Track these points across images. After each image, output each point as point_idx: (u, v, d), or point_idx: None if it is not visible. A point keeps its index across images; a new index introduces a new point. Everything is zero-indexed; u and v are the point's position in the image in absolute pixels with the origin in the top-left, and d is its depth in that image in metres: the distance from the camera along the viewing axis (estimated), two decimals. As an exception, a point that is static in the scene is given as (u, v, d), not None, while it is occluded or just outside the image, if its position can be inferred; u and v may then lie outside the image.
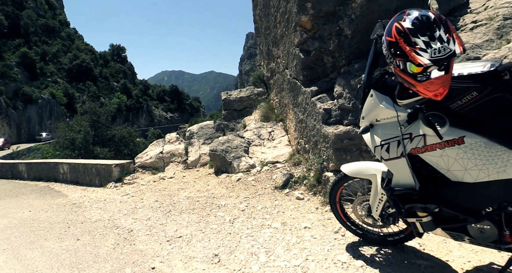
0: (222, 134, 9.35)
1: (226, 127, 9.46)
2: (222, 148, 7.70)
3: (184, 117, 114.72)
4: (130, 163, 9.09)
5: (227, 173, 7.46)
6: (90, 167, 9.50)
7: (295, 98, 6.63)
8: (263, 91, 10.04)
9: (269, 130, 8.14)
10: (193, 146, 9.36)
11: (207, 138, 9.43)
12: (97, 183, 9.30)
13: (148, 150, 9.84)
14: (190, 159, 9.05)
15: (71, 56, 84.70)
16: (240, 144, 7.80)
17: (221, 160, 7.59)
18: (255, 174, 6.73)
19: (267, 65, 9.72)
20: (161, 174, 8.77)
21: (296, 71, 6.37)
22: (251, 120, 9.41)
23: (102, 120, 21.38)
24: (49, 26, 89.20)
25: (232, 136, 8.21)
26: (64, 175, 10.88)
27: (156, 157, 9.29)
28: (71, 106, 69.85)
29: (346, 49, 5.46)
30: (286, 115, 7.74)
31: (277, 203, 5.01)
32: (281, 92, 8.07)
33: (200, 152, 9.07)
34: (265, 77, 10.13)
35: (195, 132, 9.63)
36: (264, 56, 10.20)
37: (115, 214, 5.77)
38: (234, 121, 9.55)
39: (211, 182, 7.01)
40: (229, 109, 9.65)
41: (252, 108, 9.78)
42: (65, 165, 10.76)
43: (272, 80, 9.24)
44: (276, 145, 7.64)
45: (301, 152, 6.40)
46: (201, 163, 8.86)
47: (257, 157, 7.52)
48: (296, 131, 6.71)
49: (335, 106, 5.18)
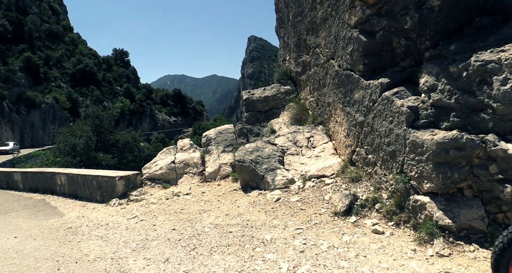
0: (245, 140, 7.93)
1: (250, 132, 8.04)
2: (251, 158, 6.27)
3: (188, 121, 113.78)
4: (137, 175, 7.68)
5: (259, 189, 6.02)
6: (90, 179, 8.11)
7: (348, 94, 5.20)
8: (291, 89, 8.62)
9: (307, 136, 6.71)
10: (211, 154, 7.94)
11: (227, 145, 8.01)
12: (99, 198, 7.90)
13: (158, 159, 8.44)
14: (208, 170, 7.63)
15: (75, 60, 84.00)
16: (273, 152, 6.38)
17: (250, 173, 6.16)
18: (297, 192, 5.29)
19: (296, 59, 8.32)
20: (174, 188, 7.35)
21: (352, 60, 4.95)
22: (279, 124, 7.98)
23: (105, 125, 20.02)
24: (53, 31, 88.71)
25: (262, 143, 6.79)
26: (62, 187, 9.49)
27: (167, 168, 7.88)
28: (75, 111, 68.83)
29: (432, 27, 4.03)
30: (329, 117, 6.31)
31: (348, 239, 3.57)
32: (321, 89, 6.65)
33: (219, 162, 7.65)
34: (293, 74, 8.72)
35: (213, 138, 8.21)
36: (291, 49, 8.80)
37: (121, 249, 4.34)
38: (258, 125, 8.13)
39: (241, 202, 5.57)
40: (252, 111, 8.25)
41: (279, 109, 8.36)
42: (62, 176, 9.37)
43: (305, 76, 7.82)
44: (318, 153, 6.21)
45: (360, 164, 4.95)
46: (221, 174, 7.44)
47: (295, 169, 6.09)
48: (349, 137, 5.28)
49: (423, 103, 3.75)
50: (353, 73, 5.01)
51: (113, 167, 18.64)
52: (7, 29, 69.16)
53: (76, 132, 18.54)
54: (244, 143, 7.84)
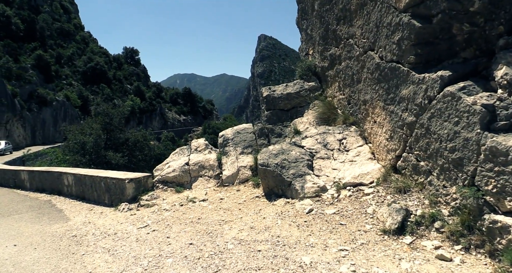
0: (266, 141, 7.29)
1: (271, 132, 7.39)
2: (276, 162, 5.62)
3: (198, 120, 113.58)
4: (148, 177, 7.09)
5: (285, 197, 5.37)
6: (98, 181, 7.55)
7: (392, 91, 4.52)
8: (316, 86, 7.94)
9: (338, 138, 6.02)
10: (229, 156, 7.31)
11: (246, 146, 7.37)
12: (107, 201, 7.34)
13: (170, 160, 7.84)
14: (225, 173, 7.00)
15: (86, 59, 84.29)
16: (300, 156, 5.71)
17: (275, 178, 5.51)
18: (332, 203, 4.63)
19: (322, 52, 7.63)
20: (188, 192, 6.74)
21: (400, 50, 4.26)
22: (303, 123, 7.32)
23: (115, 123, 19.48)
24: (64, 29, 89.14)
25: (287, 145, 6.13)
26: (69, 188, 8.97)
27: (181, 170, 7.27)
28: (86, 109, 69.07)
29: (508, 8, 3.33)
30: (364, 116, 5.63)
31: (408, 266, 2.89)
32: (354, 85, 5.97)
33: (238, 164, 7.01)
34: (318, 69, 8.04)
35: (230, 139, 7.58)
36: (315, 42, 8.11)
37: (130, 267, 3.73)
38: (280, 125, 7.47)
39: (266, 212, 4.93)
40: (273, 110, 7.60)
41: (303, 107, 7.69)
42: (69, 176, 8.84)
43: (332, 71, 7.14)
44: (353, 158, 5.53)
45: (408, 172, 4.26)
46: (240, 178, 6.81)
47: (326, 175, 5.42)
48: (393, 140, 4.59)
49: (500, 101, 3.05)
50: (401, 66, 4.32)
51: (123, 166, 18.16)
52: (19, 28, 69.64)
53: (86, 130, 18.07)
54: (265, 144, 7.20)
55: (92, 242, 4.78)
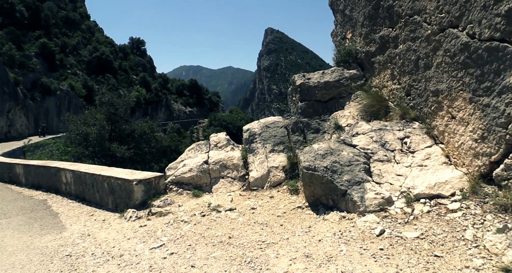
0: (301, 137, 6.08)
1: (307, 127, 6.17)
2: (325, 165, 4.42)
3: (203, 112, 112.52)
4: (160, 178, 5.91)
5: (338, 209, 4.19)
6: (100, 180, 6.40)
7: (489, 78, 3.28)
8: (358, 74, 6.70)
9: (399, 136, 4.80)
10: (256, 154, 6.12)
11: (277, 143, 6.17)
12: (110, 205, 6.20)
13: (185, 157, 6.66)
14: (252, 174, 5.82)
15: (91, 48, 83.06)
16: (354, 157, 4.51)
17: (324, 185, 4.32)
18: (407, 221, 3.45)
19: (368, 35, 6.38)
20: (209, 197, 5.57)
21: (509, 24, 3.02)
22: (345, 117, 6.11)
23: (120, 113, 18.29)
24: (70, 18, 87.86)
25: (335, 143, 4.92)
26: (67, 186, 7.85)
27: (199, 169, 6.09)
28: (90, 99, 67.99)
29: None
30: (435, 110, 4.41)
31: None
32: (418, 72, 4.72)
33: (268, 164, 5.82)
34: (360, 54, 6.78)
35: (258, 134, 6.37)
36: (356, 24, 6.86)
37: (143, 319, 2.57)
38: (317, 118, 6.26)
39: (318, 230, 3.74)
40: (308, 100, 6.38)
41: (344, 99, 6.46)
42: (68, 173, 7.71)
43: (383, 57, 5.90)
44: (422, 162, 4.32)
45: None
46: (271, 182, 5.62)
47: (390, 182, 4.22)
48: (486, 141, 3.37)
49: None
50: (508, 45, 3.09)
51: (128, 160, 17.07)
52: (23, 15, 68.45)
53: (89, 120, 16.91)
54: (300, 141, 6.00)
55: (91, 268, 3.63)
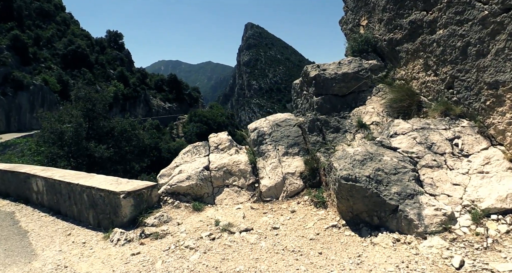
0: (320, 138, 5.17)
1: (325, 125, 5.27)
2: (367, 174, 3.54)
3: (183, 108, 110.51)
4: (153, 189, 4.88)
5: (387, 229, 3.32)
6: (78, 191, 5.31)
7: None
8: (378, 64, 5.85)
9: (447, 136, 3.96)
10: (267, 158, 5.18)
11: (290, 144, 5.25)
12: (92, 220, 5.14)
13: (180, 162, 5.65)
14: (264, 182, 4.88)
15: (66, 41, 79.61)
16: (400, 164, 3.64)
17: (369, 199, 3.44)
18: (487, 246, 2.64)
19: (390, 21, 5.53)
20: (214, 212, 4.61)
21: None
22: (369, 114, 5.25)
23: (98, 109, 16.93)
24: (44, 10, 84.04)
25: (372, 146, 4.04)
26: (39, 195, 6.70)
27: (199, 177, 5.10)
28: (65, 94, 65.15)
29: None
30: (491, 106, 3.60)
31: None
32: (469, 61, 3.90)
33: (283, 170, 4.91)
34: (381, 43, 5.93)
35: (267, 134, 5.43)
36: (375, 9, 6.01)
37: None
38: (336, 115, 5.37)
39: (373, 260, 2.85)
40: (324, 95, 5.47)
41: (364, 92, 5.60)
42: (39, 180, 6.56)
43: (413, 44, 5.06)
44: (481, 167, 3.49)
45: None
46: (288, 191, 4.71)
47: (446, 193, 3.38)
48: None
49: None
50: None
51: (107, 160, 15.80)
52: (-6, 5, 64.76)
53: (64, 117, 15.47)
54: (320, 142, 5.10)
55: None
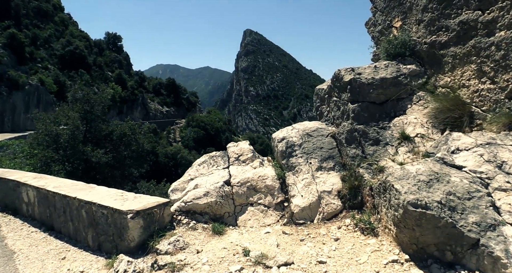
0: (359, 150, 4.47)
1: (363, 136, 4.59)
2: (437, 198, 2.84)
3: (181, 112, 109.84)
4: (165, 207, 4.13)
5: (464, 267, 2.64)
6: (76, 206, 4.56)
7: None
8: (418, 70, 5.19)
9: (531, 155, 3.29)
10: (297, 172, 4.47)
11: (325, 157, 4.55)
12: (91, 242, 4.38)
13: (196, 174, 4.92)
14: (296, 201, 4.16)
15: (64, 42, 78.75)
16: (472, 186, 2.94)
17: (442, 230, 2.73)
18: None
19: (433, 22, 4.89)
20: (239, 236, 3.87)
21: None
22: (412, 125, 4.57)
23: (96, 112, 16.16)
24: (42, 9, 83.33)
25: (434, 164, 3.34)
26: (30, 207, 5.93)
27: (218, 193, 4.38)
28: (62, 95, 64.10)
29: None
30: None
31: None
32: None
33: (317, 188, 4.20)
34: (421, 46, 5.28)
35: (297, 145, 4.73)
36: (414, 9, 5.37)
37: None
38: (375, 126, 4.69)
39: None
40: (361, 102, 4.79)
41: (404, 100, 4.93)
42: (30, 190, 5.78)
43: (462, 48, 4.42)
44: None
45: None
46: (325, 212, 4.00)
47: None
48: None
49: None
50: None
51: (105, 165, 14.99)
52: (-9, 3, 63.98)
53: (60, 119, 14.66)
54: (359, 156, 4.40)
55: None
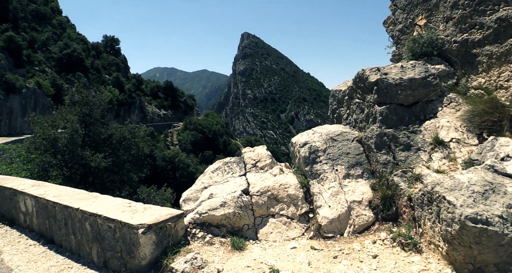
0: (390, 156, 4.10)
1: (393, 140, 4.21)
2: (498, 213, 2.46)
3: (178, 116, 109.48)
4: (179, 219, 3.73)
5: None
6: (79, 218, 4.14)
7: None
8: (447, 70, 4.84)
9: None
10: (323, 180, 4.08)
11: (352, 164, 4.17)
12: (96, 258, 3.96)
13: (210, 182, 4.52)
14: (324, 213, 3.77)
15: (62, 45, 78.35)
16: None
17: (506, 249, 2.39)
18: None
19: (464, 19, 4.55)
20: (262, 252, 3.48)
21: None
22: (445, 129, 4.21)
23: (95, 115, 15.71)
24: (40, 12, 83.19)
25: (485, 173, 2.95)
26: (28, 217, 5.50)
27: (236, 204, 3.98)
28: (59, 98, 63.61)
29: None
30: None
31: None
32: None
33: (346, 198, 3.81)
34: (450, 45, 4.92)
35: (321, 150, 4.34)
36: (442, 5, 5.03)
37: None
38: (405, 129, 4.32)
39: None
40: (389, 104, 4.42)
41: (433, 103, 4.57)
42: (28, 199, 5.36)
43: (500, 47, 4.08)
44: None
45: None
46: (355, 225, 3.61)
47: None
48: None
49: None
50: None
51: (104, 170, 14.54)
52: (-11, 6, 63.61)
53: (58, 122, 14.20)
54: (391, 163, 4.02)
55: None
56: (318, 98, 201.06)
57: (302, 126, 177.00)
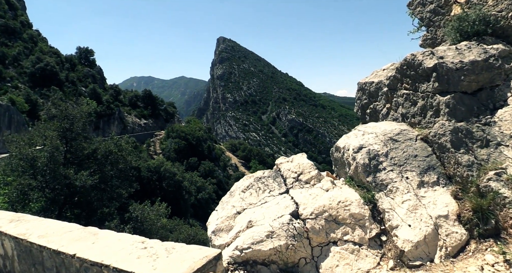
0: (472, 156, 3.26)
1: (468, 136, 3.39)
2: None
3: (159, 124, 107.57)
4: (217, 262, 2.77)
5: None
6: (76, 267, 3.12)
7: None
8: (508, 50, 4.08)
9: None
10: (392, 192, 3.20)
11: (424, 169, 3.30)
12: (104, 317, 2.96)
13: (242, 205, 3.57)
14: (403, 234, 2.89)
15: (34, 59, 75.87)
16: None
17: None
18: None
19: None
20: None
21: None
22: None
23: (77, 129, 14.43)
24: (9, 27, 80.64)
25: None
26: (8, 262, 4.41)
27: (287, 233, 3.04)
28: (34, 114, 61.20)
29: None
30: None
31: None
32: None
33: (430, 213, 2.94)
34: (507, 21, 4.16)
35: (382, 154, 3.45)
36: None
37: None
38: (477, 122, 3.51)
39: None
40: (453, 92, 3.59)
41: (500, 88, 3.77)
42: (7, 240, 4.27)
43: None
44: None
45: None
46: (447, 247, 2.75)
47: None
48: None
49: None
50: None
51: (90, 188, 13.27)
52: (-48, 23, 60.79)
53: (36, 140, 12.84)
54: (476, 164, 3.18)
55: None
56: (298, 97, 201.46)
57: (285, 126, 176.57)
